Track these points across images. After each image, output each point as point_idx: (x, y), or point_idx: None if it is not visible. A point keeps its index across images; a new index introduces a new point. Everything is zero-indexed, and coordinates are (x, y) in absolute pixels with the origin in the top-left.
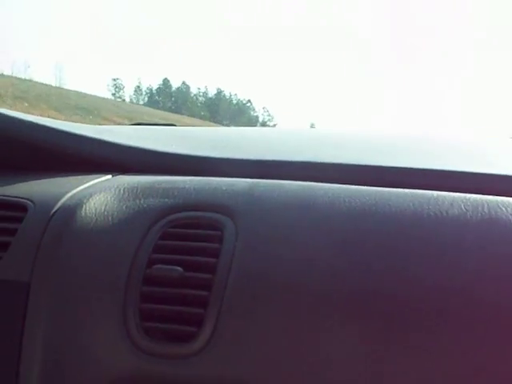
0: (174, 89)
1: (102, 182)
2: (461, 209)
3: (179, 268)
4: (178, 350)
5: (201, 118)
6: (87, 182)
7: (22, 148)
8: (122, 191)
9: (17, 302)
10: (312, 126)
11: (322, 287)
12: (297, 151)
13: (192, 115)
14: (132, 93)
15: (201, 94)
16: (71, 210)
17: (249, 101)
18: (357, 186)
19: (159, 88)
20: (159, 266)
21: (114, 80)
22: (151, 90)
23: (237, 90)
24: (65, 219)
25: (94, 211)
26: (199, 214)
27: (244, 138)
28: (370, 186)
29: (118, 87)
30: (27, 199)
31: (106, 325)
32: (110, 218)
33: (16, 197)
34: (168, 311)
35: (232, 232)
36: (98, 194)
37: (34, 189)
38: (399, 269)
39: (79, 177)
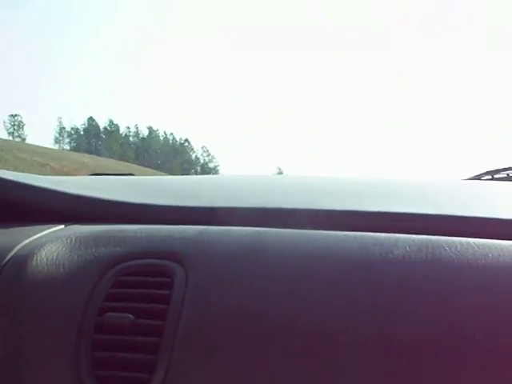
0: (101, 129)
1: (54, 231)
2: (405, 249)
3: (130, 315)
4: None
5: (121, 158)
6: (39, 232)
7: None
8: (73, 240)
9: None
10: (280, 172)
11: (270, 333)
12: (246, 197)
13: (111, 156)
14: (57, 134)
15: (131, 133)
16: (22, 261)
17: (186, 140)
18: (304, 230)
19: (86, 128)
20: (110, 313)
21: (13, 116)
22: (77, 129)
23: (173, 129)
24: (15, 270)
25: (45, 261)
26: (150, 261)
27: (196, 185)
28: (319, 229)
29: (17, 125)
30: None
31: (58, 375)
32: (61, 268)
33: None
34: (120, 358)
35: (182, 278)
36: (49, 244)
37: None
38: (346, 310)
39: (31, 227)
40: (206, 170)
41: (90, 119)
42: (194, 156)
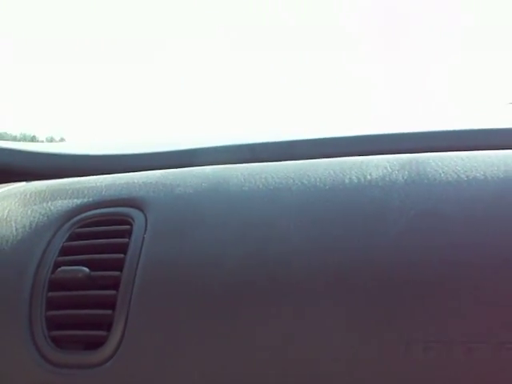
0: None
1: (9, 189)
2: (386, 169)
3: (85, 268)
4: (88, 358)
5: None
6: None
7: None
8: (27, 196)
9: None
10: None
11: (235, 276)
12: (212, 139)
13: None
14: None
15: None
16: None
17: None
18: (273, 163)
19: None
20: (63, 268)
21: None
22: None
23: None
24: None
25: None
26: (109, 210)
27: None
28: (291, 160)
29: None
30: None
31: (11, 339)
32: (12, 224)
33: None
34: (75, 316)
35: (141, 224)
36: None
37: None
38: (319, 239)
39: None
40: None
41: None
42: None
